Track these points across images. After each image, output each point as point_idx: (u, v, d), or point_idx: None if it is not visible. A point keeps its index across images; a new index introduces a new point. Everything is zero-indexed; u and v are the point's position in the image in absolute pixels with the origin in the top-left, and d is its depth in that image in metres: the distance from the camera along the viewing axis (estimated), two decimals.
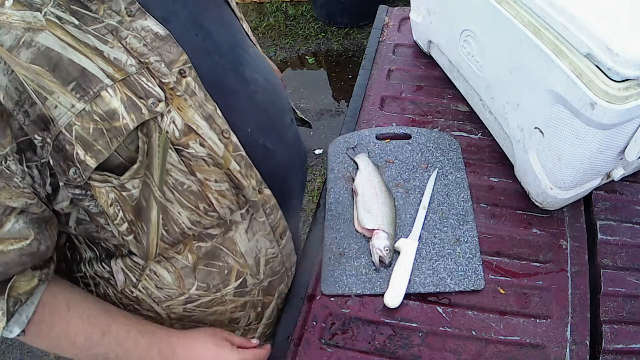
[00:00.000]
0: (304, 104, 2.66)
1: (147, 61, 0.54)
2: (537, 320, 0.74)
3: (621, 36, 0.60)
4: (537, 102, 0.75)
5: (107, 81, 0.51)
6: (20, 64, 0.48)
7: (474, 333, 0.74)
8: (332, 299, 0.79)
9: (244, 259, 0.71)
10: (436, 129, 1.02)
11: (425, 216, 0.87)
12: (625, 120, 0.64)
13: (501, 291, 0.78)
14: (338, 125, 1.65)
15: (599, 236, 0.82)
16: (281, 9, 3.26)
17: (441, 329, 0.75)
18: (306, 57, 2.96)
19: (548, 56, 0.68)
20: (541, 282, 0.78)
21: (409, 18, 1.20)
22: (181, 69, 0.56)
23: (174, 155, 0.57)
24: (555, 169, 0.77)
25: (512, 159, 0.92)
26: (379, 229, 0.83)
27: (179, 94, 0.56)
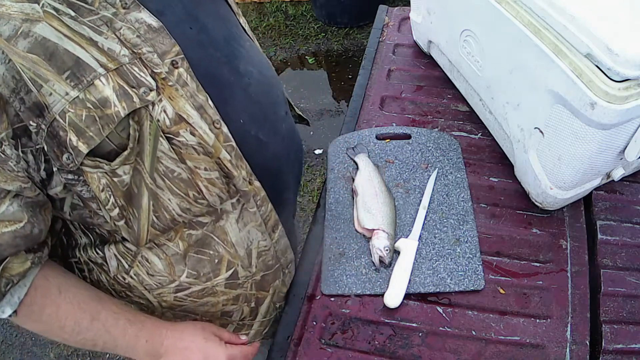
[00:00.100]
0: (304, 104, 2.66)
1: (140, 52, 0.55)
2: (537, 320, 0.74)
3: (621, 36, 0.60)
4: (537, 102, 0.75)
5: (101, 70, 0.52)
6: (17, 53, 0.50)
7: (474, 333, 0.74)
8: (332, 299, 0.79)
9: (234, 249, 0.72)
10: (436, 129, 1.02)
11: (425, 216, 0.87)
12: (625, 120, 0.64)
13: (501, 291, 0.78)
14: (338, 125, 1.65)
15: (599, 236, 0.82)
16: (281, 9, 3.26)
17: (441, 329, 0.75)
18: (306, 57, 2.96)
19: (548, 56, 0.68)
20: (541, 282, 0.78)
21: (409, 18, 1.20)
22: (173, 60, 0.58)
23: (165, 143, 0.58)
24: (555, 169, 0.77)
25: (512, 159, 0.92)
26: (379, 229, 0.83)
27: (170, 84, 0.57)
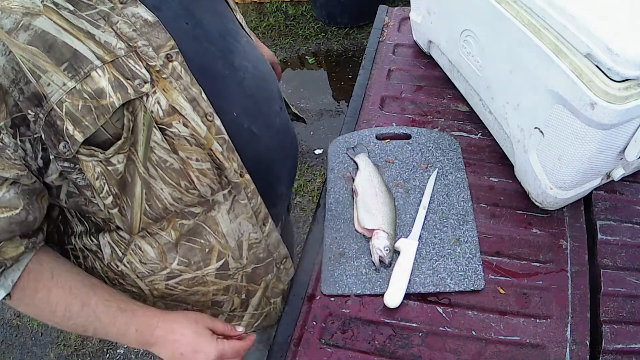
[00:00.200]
0: (304, 104, 2.66)
1: (135, 45, 0.57)
2: (537, 320, 0.74)
3: (621, 36, 0.60)
4: (537, 102, 0.75)
5: (97, 62, 0.55)
6: (17, 44, 0.52)
7: (474, 333, 0.74)
8: (332, 299, 0.79)
9: (225, 239, 0.73)
10: (436, 129, 1.02)
11: (425, 216, 0.87)
12: (625, 120, 0.64)
13: (501, 291, 0.78)
14: (338, 125, 1.65)
15: (599, 236, 0.82)
16: (281, 9, 3.26)
17: (441, 329, 0.75)
18: (306, 57, 2.96)
19: (548, 56, 0.68)
20: (541, 282, 0.78)
21: (409, 18, 1.20)
22: (168, 54, 0.60)
23: (158, 133, 0.60)
24: (555, 169, 0.77)
25: (512, 159, 0.92)
26: (379, 229, 0.83)
27: (164, 76, 0.59)
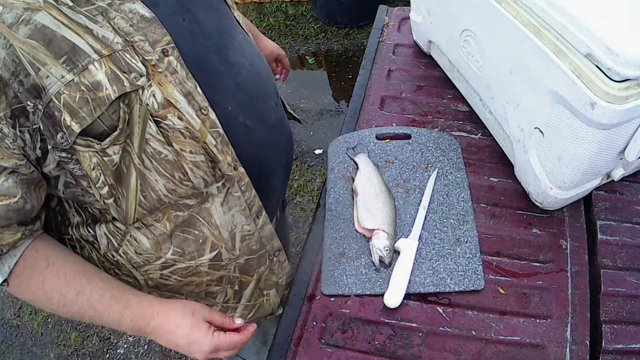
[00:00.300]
0: (304, 104, 2.66)
1: (132, 40, 0.59)
2: (537, 320, 0.74)
3: (621, 36, 0.60)
4: (537, 102, 0.75)
5: (95, 56, 0.56)
6: (18, 38, 0.54)
7: (474, 333, 0.74)
8: (332, 299, 0.79)
9: (218, 231, 0.74)
10: (436, 129, 1.02)
11: (425, 216, 0.87)
12: (625, 120, 0.64)
13: (501, 291, 0.78)
14: (338, 125, 1.65)
15: (599, 236, 0.82)
16: (281, 9, 3.26)
17: (441, 329, 0.75)
18: (306, 57, 2.96)
19: (548, 56, 0.68)
20: (541, 282, 0.78)
21: (409, 18, 1.20)
22: (164, 49, 0.61)
23: (153, 125, 0.62)
24: (555, 169, 0.77)
25: (512, 159, 0.92)
26: (379, 229, 0.83)
27: (160, 70, 0.61)
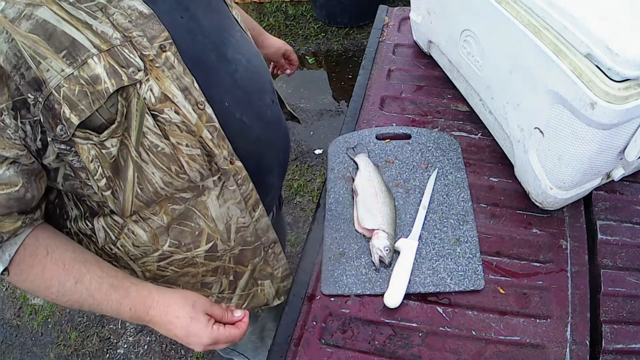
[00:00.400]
0: (304, 104, 2.66)
1: (130, 35, 0.61)
2: (537, 320, 0.74)
3: (621, 36, 0.60)
4: (537, 102, 0.75)
5: (94, 51, 0.58)
6: (20, 32, 0.56)
7: (474, 333, 0.74)
8: (332, 299, 0.79)
9: (214, 223, 0.76)
10: (436, 129, 1.02)
11: (425, 216, 0.87)
12: (625, 120, 0.64)
13: (501, 291, 0.78)
14: (338, 125, 1.65)
15: (599, 236, 0.82)
16: (281, 9, 3.26)
17: (441, 329, 0.75)
18: (306, 57, 2.96)
19: (548, 56, 0.68)
20: (541, 282, 0.78)
21: (409, 18, 1.20)
22: (162, 44, 0.63)
23: (150, 119, 0.63)
24: (555, 169, 0.77)
25: (512, 159, 0.92)
26: (379, 229, 0.83)
27: (157, 65, 0.63)
